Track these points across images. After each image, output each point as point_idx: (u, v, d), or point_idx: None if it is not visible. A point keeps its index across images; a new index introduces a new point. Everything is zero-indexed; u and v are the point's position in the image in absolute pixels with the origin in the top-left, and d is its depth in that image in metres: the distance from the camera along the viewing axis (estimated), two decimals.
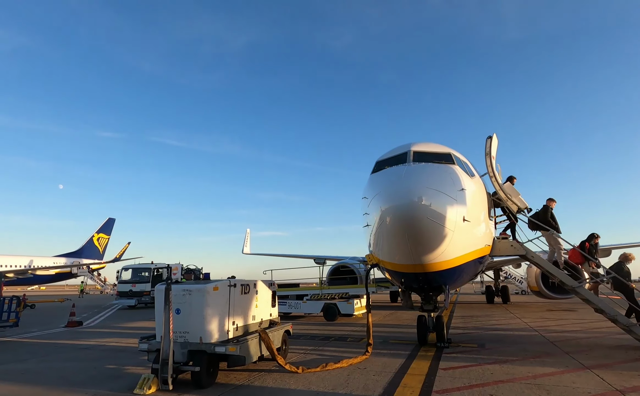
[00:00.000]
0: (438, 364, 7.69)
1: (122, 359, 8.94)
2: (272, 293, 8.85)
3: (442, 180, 7.69)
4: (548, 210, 10.60)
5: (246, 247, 36.33)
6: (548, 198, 10.87)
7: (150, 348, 6.74)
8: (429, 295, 9.56)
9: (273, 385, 6.43)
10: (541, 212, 10.70)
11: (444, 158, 8.66)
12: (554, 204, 10.80)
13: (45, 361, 8.97)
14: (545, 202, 10.84)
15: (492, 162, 10.12)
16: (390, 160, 8.91)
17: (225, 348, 6.33)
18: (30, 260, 41.36)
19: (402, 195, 7.19)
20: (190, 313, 6.57)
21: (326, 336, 12.01)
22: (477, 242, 9.00)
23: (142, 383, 6.18)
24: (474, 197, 8.49)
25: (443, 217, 7.24)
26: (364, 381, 6.51)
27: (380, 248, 8.43)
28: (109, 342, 11.66)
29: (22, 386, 6.74)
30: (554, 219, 10.57)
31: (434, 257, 7.66)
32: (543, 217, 10.52)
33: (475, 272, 11.35)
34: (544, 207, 10.77)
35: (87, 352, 10.01)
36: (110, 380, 6.99)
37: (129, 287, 25.42)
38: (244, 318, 7.45)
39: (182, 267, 26.75)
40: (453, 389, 5.93)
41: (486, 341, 10.29)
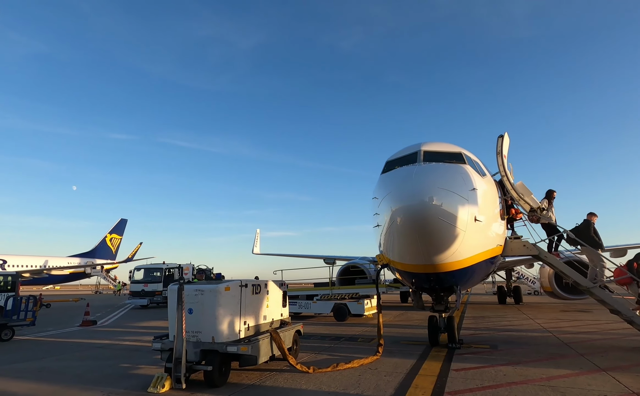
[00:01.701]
0: (450, 365, 7.64)
1: (136, 358, 9.08)
2: (283, 293, 8.89)
3: (453, 180, 7.65)
4: (590, 226, 9.86)
5: (256, 247, 36.54)
6: (589, 213, 10.15)
7: (164, 347, 6.83)
8: (440, 296, 9.51)
9: (285, 385, 6.47)
10: (582, 226, 9.98)
11: (454, 157, 8.60)
12: (596, 219, 10.07)
13: (61, 359, 9.16)
14: (586, 217, 10.14)
15: (503, 160, 10.03)
16: (400, 160, 8.88)
17: (237, 347, 6.38)
18: (45, 260, 42.22)
19: (412, 195, 7.17)
20: (202, 313, 6.64)
21: (337, 336, 12.02)
22: (489, 241, 8.92)
23: (156, 382, 6.28)
24: (486, 197, 8.42)
25: (454, 217, 7.20)
26: (375, 382, 6.50)
27: (391, 248, 8.41)
28: (122, 341, 11.84)
29: (39, 384, 6.89)
30: (597, 235, 9.83)
31: (445, 257, 7.62)
32: (585, 233, 9.79)
33: (487, 272, 11.26)
34: (585, 221, 10.06)
35: (101, 351, 10.18)
36: (124, 379, 7.10)
37: (142, 286, 25.76)
38: (255, 318, 7.50)
39: (193, 267, 27.15)
40: (466, 390, 5.89)
41: (498, 343, 10.18)
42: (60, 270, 42.56)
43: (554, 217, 10.74)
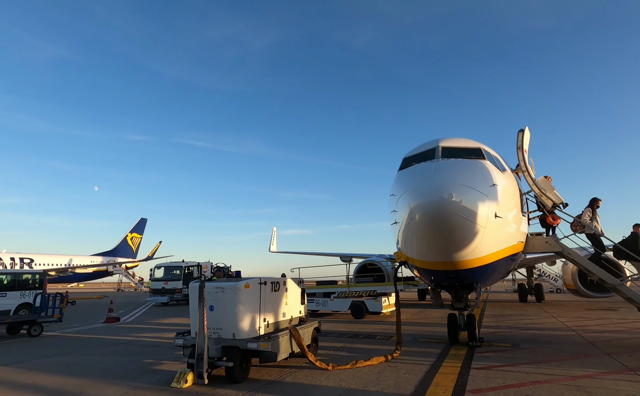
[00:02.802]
0: (470, 363, 7.55)
1: (159, 354, 9.29)
2: (301, 290, 8.94)
3: (472, 176, 7.53)
4: (638, 238, 9.59)
5: (273, 245, 36.80)
6: (635, 225, 9.85)
7: (186, 344, 6.97)
8: (459, 293, 9.39)
9: (304, 381, 6.52)
10: (630, 239, 9.70)
11: (473, 153, 8.47)
12: None
13: (87, 355, 9.46)
14: (633, 228, 9.84)
15: (524, 155, 9.81)
16: (417, 157, 8.79)
17: (257, 344, 6.47)
18: (69, 259, 43.56)
19: (431, 192, 7.09)
20: (223, 310, 6.75)
21: (355, 333, 12.02)
22: (510, 238, 8.76)
23: (179, 377, 6.42)
24: (506, 193, 8.26)
25: (474, 214, 7.09)
26: (395, 379, 6.49)
27: (409, 245, 8.35)
28: (145, 337, 12.14)
29: (68, 378, 7.14)
30: None
31: (465, 254, 7.52)
32: (633, 246, 9.49)
33: (507, 269, 11.05)
34: (632, 234, 9.76)
35: (125, 347, 10.47)
36: (148, 374, 7.29)
37: (162, 284, 26.31)
38: (275, 315, 7.58)
39: (212, 265, 27.55)
40: (488, 389, 5.82)
41: (520, 341, 9.99)
42: (84, 268, 43.86)
43: (599, 226, 10.31)
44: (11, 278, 16.06)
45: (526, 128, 9.99)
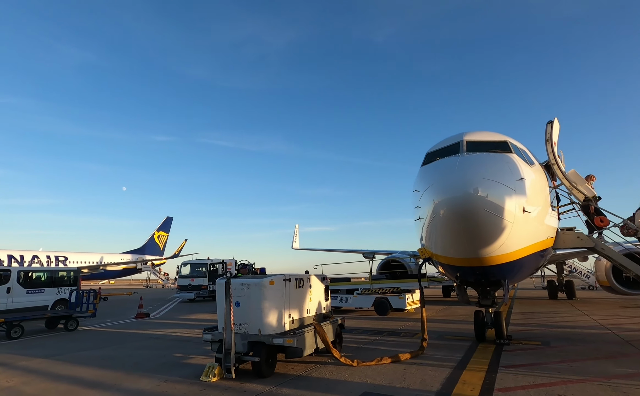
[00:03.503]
0: (499, 361, 7.40)
1: (187, 348, 9.56)
2: (325, 287, 8.99)
3: (499, 170, 7.36)
4: None
5: (295, 242, 37.04)
6: None
7: (214, 339, 7.16)
8: (486, 290, 9.22)
9: (330, 377, 6.57)
10: None
11: (499, 146, 8.26)
12: None
13: (120, 348, 9.84)
14: None
15: (553, 148, 9.51)
16: (441, 151, 8.66)
17: (283, 340, 6.56)
18: (101, 257, 45.32)
19: (456, 187, 6.97)
20: (249, 306, 6.89)
21: (379, 330, 11.98)
22: (539, 233, 8.51)
23: (208, 371, 6.60)
24: (535, 187, 8.03)
25: (501, 209, 6.93)
26: (420, 376, 6.44)
27: (434, 241, 8.25)
28: (174, 332, 12.51)
29: (103, 371, 7.47)
30: None
31: (492, 250, 7.37)
32: None
33: (536, 265, 10.74)
34: None
35: (155, 341, 10.83)
36: (178, 368, 7.52)
37: (188, 281, 26.99)
38: (299, 311, 7.66)
39: (236, 262, 28.05)
40: (517, 388, 5.69)
41: (551, 339, 9.69)
42: (115, 265, 45.56)
43: None
44: (48, 276, 16.87)
45: (555, 119, 9.66)
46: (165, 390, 6.05)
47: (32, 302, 15.68)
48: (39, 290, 16.23)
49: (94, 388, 6.25)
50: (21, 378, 7.02)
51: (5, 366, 8.07)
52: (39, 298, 16.04)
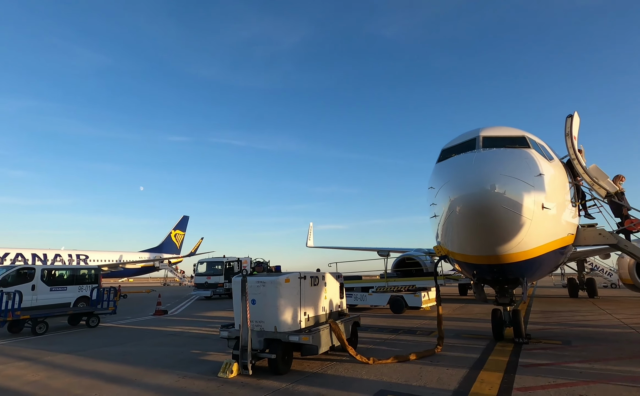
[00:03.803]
0: (517, 360, 7.28)
1: (204, 345, 9.71)
2: (340, 285, 9.00)
3: (516, 166, 7.22)
4: None
5: (310, 240, 37.14)
6: None
7: (230, 336, 7.25)
8: (504, 288, 9.08)
9: (346, 375, 6.58)
10: None
11: (517, 142, 8.11)
12: None
13: (139, 345, 10.07)
14: None
15: (573, 142, 9.27)
16: (457, 148, 8.55)
17: (298, 337, 6.61)
18: (120, 255, 46.34)
19: (472, 184, 6.88)
20: (264, 304, 6.95)
21: (394, 328, 11.92)
22: (558, 230, 8.33)
23: (225, 367, 6.70)
24: (554, 182, 7.86)
25: (519, 205, 6.81)
26: (437, 375, 6.39)
27: (450, 239, 8.16)
28: (191, 329, 12.73)
29: (124, 366, 7.66)
30: None
31: (510, 247, 7.25)
32: None
33: (556, 263, 10.51)
34: None
35: (173, 338, 11.03)
36: (195, 364, 7.65)
37: (205, 279, 27.38)
38: (315, 309, 7.69)
39: (251, 260, 28.30)
40: (537, 387, 5.59)
41: (572, 338, 9.47)
42: (133, 264, 46.49)
43: None
44: (70, 274, 17.38)
45: (575, 113, 9.42)
46: (184, 385, 6.16)
47: (55, 299, 16.20)
48: (62, 287, 16.74)
49: (116, 383, 6.41)
50: (47, 373, 7.26)
51: (31, 361, 8.36)
52: (61, 295, 16.56)
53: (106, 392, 5.93)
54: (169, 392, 5.82)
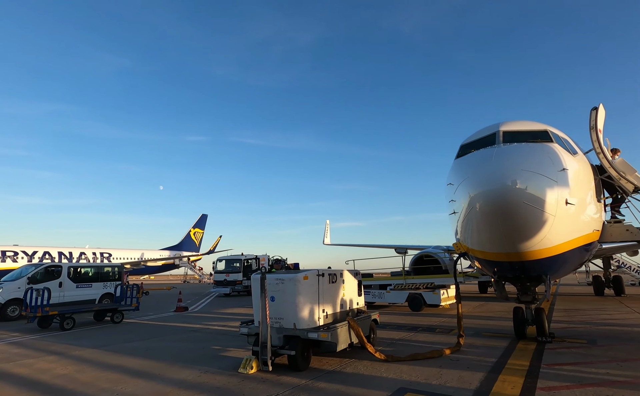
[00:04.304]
0: (541, 360, 7.13)
1: (225, 341, 9.88)
2: (358, 282, 9.00)
3: (539, 161, 7.05)
4: None
5: (327, 237, 37.15)
6: None
7: (250, 332, 7.36)
8: (526, 286, 8.90)
9: (365, 372, 6.58)
10: None
11: (539, 136, 7.91)
12: None
13: (162, 340, 10.32)
14: None
15: (598, 136, 8.99)
16: (476, 143, 8.41)
17: (317, 334, 6.65)
18: (141, 253, 47.50)
19: (493, 179, 6.76)
20: (283, 301, 7.02)
21: (413, 326, 11.85)
22: (583, 226, 8.10)
23: (245, 363, 6.80)
24: (578, 177, 7.65)
25: (542, 201, 6.65)
26: (458, 373, 6.32)
27: (470, 236, 8.04)
28: (212, 326, 12.96)
29: (148, 361, 7.87)
30: None
31: (532, 244, 7.09)
32: None
33: (580, 260, 10.23)
34: None
35: (195, 334, 11.26)
36: (217, 360, 7.79)
37: (224, 276, 27.79)
38: (333, 306, 7.72)
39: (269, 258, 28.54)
40: (562, 387, 5.47)
41: (598, 338, 9.21)
42: (154, 261, 47.61)
43: None
44: (95, 271, 17.94)
45: (600, 105, 9.12)
46: (206, 380, 6.29)
47: (81, 296, 16.75)
48: (87, 284, 17.30)
49: (140, 377, 6.60)
50: (75, 367, 7.53)
51: (60, 355, 8.68)
52: (87, 292, 17.12)
53: (131, 386, 6.11)
54: (191, 387, 5.95)
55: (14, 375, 7.01)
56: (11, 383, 6.46)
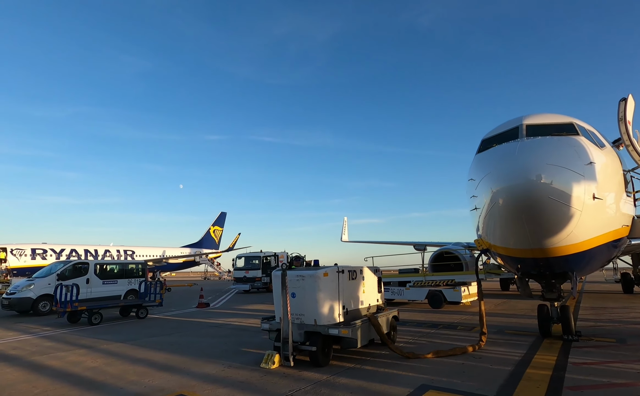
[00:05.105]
0: (567, 358, 6.96)
1: (246, 337, 10.04)
2: (378, 279, 8.98)
3: (564, 154, 6.86)
4: None
5: (344, 234, 37.11)
6: None
7: (271, 328, 7.46)
8: (551, 283, 8.67)
9: (386, 369, 6.58)
10: None
11: (564, 129, 7.69)
12: None
13: (185, 335, 10.57)
14: None
15: (627, 128, 8.66)
16: (498, 137, 8.24)
17: (338, 330, 6.68)
18: (163, 251, 48.65)
19: (517, 174, 6.61)
20: (304, 297, 7.08)
21: (434, 323, 11.74)
22: (611, 222, 7.84)
23: (267, 358, 6.90)
24: (605, 171, 7.40)
25: (568, 196, 6.48)
26: (481, 371, 6.25)
27: (492, 232, 7.90)
28: (233, 322, 13.18)
29: (172, 355, 8.08)
30: None
31: (558, 240, 6.92)
32: None
33: (608, 256, 9.91)
34: None
35: (217, 330, 11.48)
36: (239, 355, 7.94)
37: (243, 273, 28.17)
38: (353, 302, 7.73)
39: (288, 255, 28.76)
40: (589, 387, 5.33)
41: (627, 337, 8.92)
42: (176, 259, 48.70)
43: None
44: (120, 268, 18.51)
45: (629, 96, 8.78)
46: (229, 375, 6.42)
47: (107, 292, 17.34)
48: (113, 281, 17.88)
49: (166, 371, 6.79)
50: (104, 360, 7.81)
51: (90, 348, 9.02)
52: (113, 288, 17.69)
53: (158, 379, 6.30)
54: (216, 381, 6.09)
55: (48, 367, 7.33)
56: (46, 375, 6.77)
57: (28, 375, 6.81)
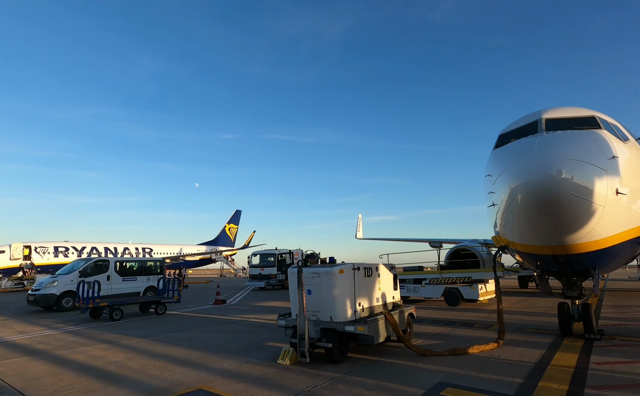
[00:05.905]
0: (589, 357, 6.81)
1: (262, 333, 10.15)
2: (394, 276, 8.95)
3: (586, 148, 6.68)
4: None
5: (359, 232, 37.07)
6: None
7: (288, 325, 7.52)
8: (572, 280, 8.48)
9: (402, 366, 6.57)
10: None
11: (585, 122, 7.48)
12: None
13: (203, 331, 10.75)
14: None
15: None
16: (516, 132, 8.09)
17: (354, 327, 6.69)
18: (180, 248, 49.51)
19: (536, 169, 6.48)
20: (320, 294, 7.12)
21: (450, 321, 11.63)
22: (636, 218, 7.61)
23: (284, 354, 6.97)
24: (630, 165, 7.18)
25: (589, 191, 6.31)
26: (499, 369, 6.18)
27: (510, 229, 7.77)
28: (249, 318, 13.33)
29: (191, 350, 8.23)
30: None
31: (579, 236, 6.75)
32: None
33: (632, 253, 9.62)
34: None
35: (233, 326, 11.64)
36: (256, 351, 8.03)
37: (259, 270, 28.45)
38: (369, 299, 7.73)
39: (302, 252, 28.89)
40: (612, 387, 5.21)
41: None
42: (192, 256, 49.54)
43: None
44: (139, 265, 18.93)
45: None
46: (247, 370, 6.51)
47: (127, 289, 17.75)
48: (132, 278, 18.30)
49: (185, 366, 6.93)
50: (125, 354, 8.02)
51: (111, 344, 9.27)
52: (132, 285, 18.11)
53: (177, 374, 6.43)
54: (233, 376, 6.19)
55: (72, 361, 7.57)
56: (70, 368, 6.99)
57: (54, 368, 7.05)
